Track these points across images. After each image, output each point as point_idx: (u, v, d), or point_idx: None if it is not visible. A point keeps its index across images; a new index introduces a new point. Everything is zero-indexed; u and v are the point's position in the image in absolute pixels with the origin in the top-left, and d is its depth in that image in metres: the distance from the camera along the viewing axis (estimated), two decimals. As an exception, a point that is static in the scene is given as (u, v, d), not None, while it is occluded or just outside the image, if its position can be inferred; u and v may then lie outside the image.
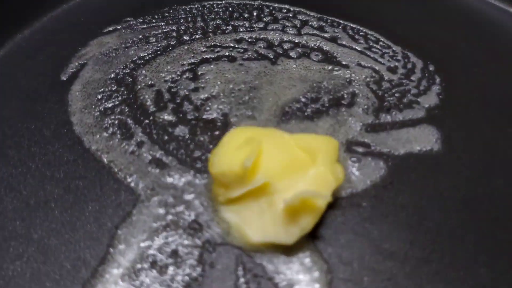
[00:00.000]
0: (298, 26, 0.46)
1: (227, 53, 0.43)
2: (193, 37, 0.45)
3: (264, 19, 0.47)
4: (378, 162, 0.34)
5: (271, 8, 0.49)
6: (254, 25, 0.46)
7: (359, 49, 0.44)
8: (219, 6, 0.49)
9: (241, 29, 0.46)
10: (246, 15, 0.48)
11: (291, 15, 0.48)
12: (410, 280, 0.28)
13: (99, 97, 0.38)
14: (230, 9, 0.49)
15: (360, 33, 0.46)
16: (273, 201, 0.28)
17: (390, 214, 0.31)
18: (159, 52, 0.43)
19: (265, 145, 0.29)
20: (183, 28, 0.46)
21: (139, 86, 0.39)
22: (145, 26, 0.46)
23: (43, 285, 0.27)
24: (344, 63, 0.42)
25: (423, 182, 0.33)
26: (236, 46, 0.43)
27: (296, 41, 0.44)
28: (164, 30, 0.46)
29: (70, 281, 0.27)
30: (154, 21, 0.47)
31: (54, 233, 0.29)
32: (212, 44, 0.44)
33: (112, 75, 0.41)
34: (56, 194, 0.32)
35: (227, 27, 0.46)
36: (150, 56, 0.42)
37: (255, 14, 0.48)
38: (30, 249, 0.29)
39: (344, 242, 0.29)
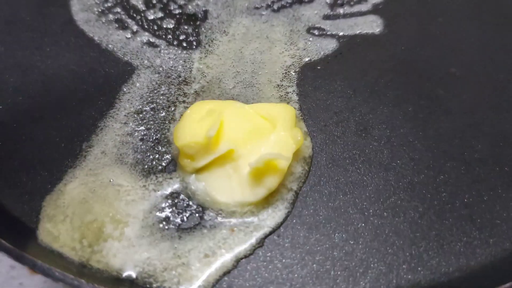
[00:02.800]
0: None
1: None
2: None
3: None
4: (331, 40, 0.42)
5: None
6: None
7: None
8: None
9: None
10: None
11: None
12: (353, 112, 0.36)
13: (97, 1, 0.45)
14: None
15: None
16: (238, 165, 0.30)
17: (340, 74, 0.39)
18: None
19: (226, 115, 0.31)
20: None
21: (130, -7, 0.46)
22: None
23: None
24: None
25: (367, 53, 0.40)
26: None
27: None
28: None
29: (84, 128, 0.34)
30: None
31: (71, 91, 0.37)
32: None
33: (106, -13, 0.47)
34: (69, 68, 0.39)
35: None
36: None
37: None
38: (51, 103, 0.36)
39: (302, 93, 0.37)
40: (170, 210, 0.30)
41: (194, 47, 0.40)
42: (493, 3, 0.45)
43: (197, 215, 0.30)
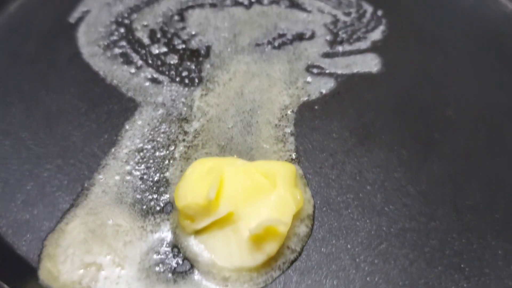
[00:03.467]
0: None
1: (210, 1, 0.51)
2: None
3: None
4: (329, 79, 0.43)
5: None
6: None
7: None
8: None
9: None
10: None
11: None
12: (349, 155, 0.37)
13: (103, 35, 0.46)
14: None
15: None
16: (238, 228, 0.30)
17: (337, 114, 0.40)
18: (150, 2, 0.51)
19: (227, 173, 0.31)
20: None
21: (135, 26, 0.47)
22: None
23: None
24: (308, 9, 0.51)
25: (364, 93, 0.41)
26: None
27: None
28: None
29: (86, 166, 0.35)
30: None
31: (75, 127, 0.38)
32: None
33: (113, 19, 0.48)
34: (73, 104, 0.40)
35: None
36: (143, 4, 0.50)
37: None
38: (55, 139, 0.37)
39: (299, 133, 0.38)
40: (166, 252, 0.31)
41: (196, 84, 0.42)
42: (491, 45, 0.46)
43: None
